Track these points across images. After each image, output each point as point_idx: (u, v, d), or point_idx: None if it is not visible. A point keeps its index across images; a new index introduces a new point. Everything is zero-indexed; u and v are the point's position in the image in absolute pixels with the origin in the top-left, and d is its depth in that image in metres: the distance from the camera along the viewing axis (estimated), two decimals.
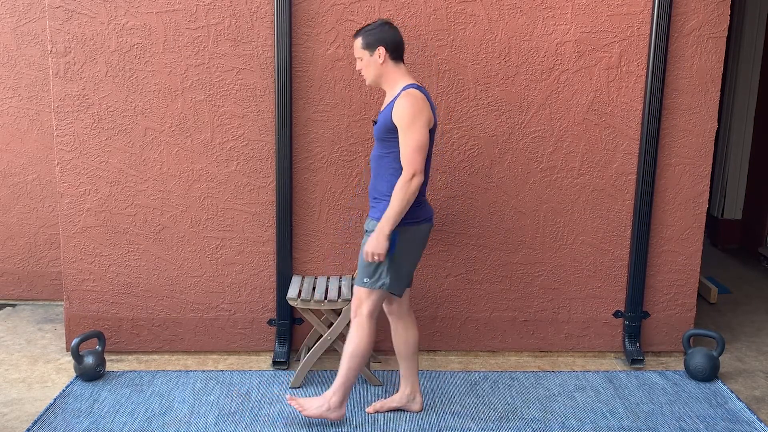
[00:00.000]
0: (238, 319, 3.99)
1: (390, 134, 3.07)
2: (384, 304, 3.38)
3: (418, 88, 3.09)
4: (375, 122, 3.18)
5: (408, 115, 3.00)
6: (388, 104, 3.11)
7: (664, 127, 3.88)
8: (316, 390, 3.63)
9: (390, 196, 3.08)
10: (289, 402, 3.28)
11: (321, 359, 3.80)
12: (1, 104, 4.47)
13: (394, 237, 3.10)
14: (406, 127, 3.01)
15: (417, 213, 3.15)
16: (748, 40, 5.76)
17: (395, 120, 3.03)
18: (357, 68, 3.21)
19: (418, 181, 3.01)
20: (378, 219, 3.12)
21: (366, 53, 3.12)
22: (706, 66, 3.83)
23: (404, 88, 3.07)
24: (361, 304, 3.20)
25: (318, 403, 3.24)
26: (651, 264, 4.01)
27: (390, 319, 3.39)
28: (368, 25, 3.15)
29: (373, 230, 3.12)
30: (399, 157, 3.06)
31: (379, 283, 3.15)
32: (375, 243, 3.05)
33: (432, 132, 3.10)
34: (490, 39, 3.75)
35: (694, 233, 4.01)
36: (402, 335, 3.35)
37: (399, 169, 3.07)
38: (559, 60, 3.79)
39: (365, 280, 3.17)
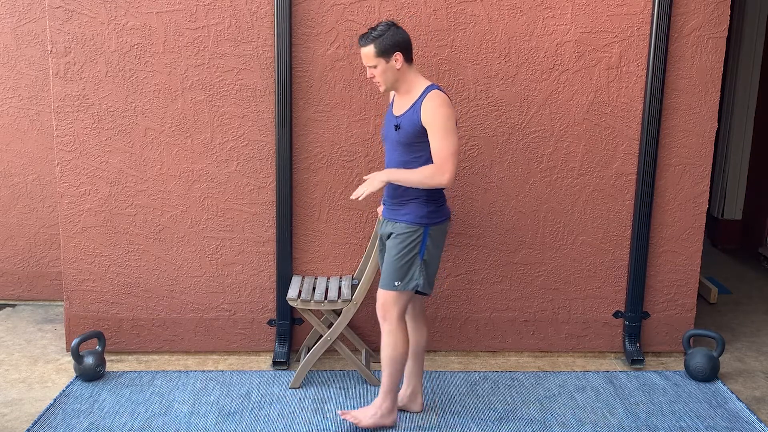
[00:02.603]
0: (238, 319, 3.99)
1: (419, 138, 3.02)
2: None
3: (439, 88, 3.05)
4: (397, 127, 3.09)
5: (442, 118, 2.96)
6: (411, 107, 3.04)
7: (664, 127, 3.88)
8: (316, 390, 3.63)
9: (416, 197, 3.08)
10: (342, 416, 3.27)
11: (321, 359, 3.80)
12: (1, 104, 4.47)
13: (424, 237, 3.09)
14: (440, 130, 2.96)
15: (443, 211, 3.17)
16: (748, 40, 5.76)
17: (426, 123, 2.97)
18: (368, 76, 3.09)
19: (445, 182, 2.98)
20: (405, 221, 3.10)
21: (381, 60, 3.01)
22: (706, 66, 3.83)
23: (428, 89, 3.02)
24: (390, 308, 3.15)
25: (371, 412, 3.25)
26: (651, 264, 4.01)
27: (405, 318, 3.37)
28: (374, 30, 3.02)
29: (402, 233, 3.09)
30: (426, 162, 3.02)
31: (413, 284, 3.13)
32: (374, 179, 3.05)
33: None
34: (490, 39, 3.75)
35: (694, 233, 4.01)
36: (413, 335, 3.35)
37: None
38: (559, 60, 3.79)
39: (396, 283, 3.12)
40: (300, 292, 3.67)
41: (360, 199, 3.08)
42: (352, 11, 3.68)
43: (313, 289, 3.73)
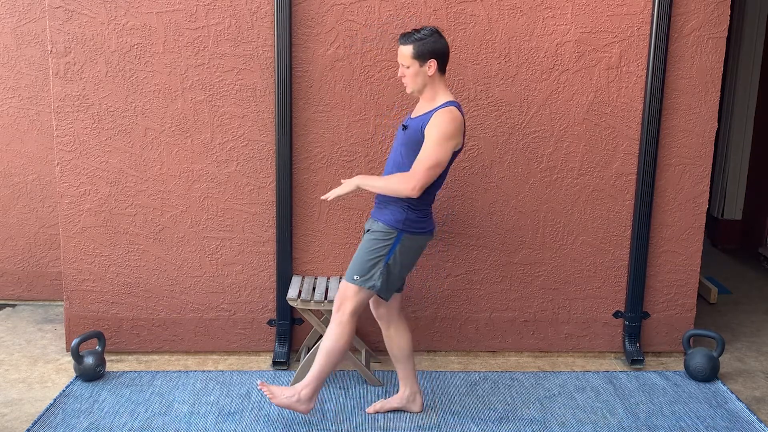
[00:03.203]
0: (238, 319, 3.99)
1: (417, 145, 3.04)
2: (373, 309, 3.37)
3: (458, 107, 3.06)
4: (405, 127, 3.12)
5: (441, 133, 2.98)
6: (424, 115, 3.06)
7: (664, 127, 3.88)
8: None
9: (398, 203, 3.09)
10: (259, 387, 3.23)
11: None
12: (1, 104, 4.47)
13: (394, 242, 3.10)
14: (433, 142, 2.98)
15: (423, 224, 3.15)
16: (748, 40, 5.76)
17: (426, 130, 3.00)
18: (399, 74, 3.11)
19: (409, 191, 3.00)
20: (385, 222, 3.12)
21: (416, 63, 3.03)
22: (706, 66, 3.83)
23: (446, 104, 3.04)
24: (346, 301, 3.16)
25: (288, 393, 3.20)
26: (651, 264, 4.01)
27: (380, 324, 3.38)
28: (418, 32, 3.04)
29: (378, 231, 3.12)
30: None
31: (370, 283, 3.13)
32: (344, 184, 3.14)
33: (456, 154, 3.10)
34: (490, 39, 3.75)
35: (694, 233, 4.01)
36: (394, 340, 3.35)
37: None
38: (559, 60, 3.79)
39: (355, 277, 3.14)
40: (300, 292, 3.67)
41: (328, 199, 3.20)
42: (352, 11, 3.68)
43: (313, 289, 3.73)
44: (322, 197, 3.23)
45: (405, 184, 3.00)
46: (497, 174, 3.89)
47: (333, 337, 3.17)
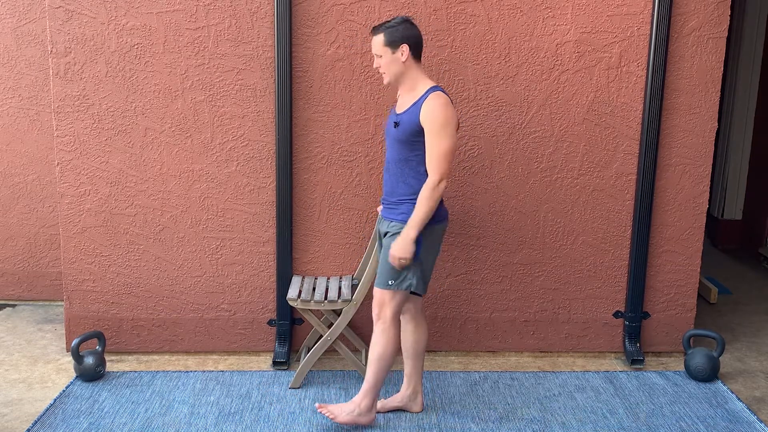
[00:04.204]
0: (238, 319, 3.99)
1: (416, 137, 3.03)
2: None
3: (442, 90, 3.06)
4: (396, 124, 3.12)
5: (440, 119, 2.97)
6: (412, 106, 3.06)
7: (664, 127, 3.88)
8: (317, 390, 3.63)
9: (411, 198, 3.08)
10: (318, 409, 3.24)
11: (321, 359, 3.80)
12: (1, 104, 4.47)
13: (419, 237, 3.09)
14: (437, 131, 2.98)
15: (439, 212, 3.15)
16: (748, 40, 5.76)
17: (424, 122, 2.99)
18: (375, 66, 3.13)
19: (444, 185, 3.01)
20: (400, 221, 3.11)
21: (388, 50, 3.05)
22: (706, 66, 3.83)
23: (430, 90, 3.03)
24: (385, 306, 3.16)
25: (349, 409, 3.23)
26: (651, 264, 4.01)
27: (402, 319, 3.37)
28: (388, 21, 3.08)
29: (397, 233, 3.10)
30: (424, 161, 3.04)
31: (406, 284, 3.13)
32: (402, 247, 3.03)
33: None
34: (490, 39, 3.75)
35: (695, 233, 4.01)
36: (413, 335, 3.35)
37: (424, 173, 3.05)
38: (559, 60, 3.79)
39: (390, 282, 3.12)
40: (300, 292, 3.67)
41: (404, 263, 3.06)
42: (352, 11, 3.68)
43: (313, 289, 3.73)
44: (396, 265, 3.10)
45: (433, 183, 2.99)
46: (497, 174, 3.89)
47: (381, 344, 3.17)
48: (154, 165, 3.80)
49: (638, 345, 4.04)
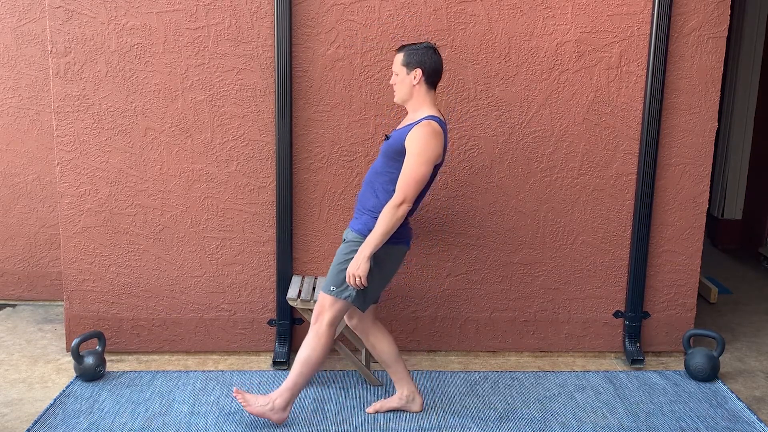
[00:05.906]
0: (238, 319, 3.99)
1: (397, 155, 3.06)
2: (347, 320, 3.39)
3: (440, 121, 3.07)
4: (387, 138, 3.16)
5: (420, 146, 2.99)
6: (405, 126, 3.09)
7: (664, 127, 3.88)
8: (316, 390, 3.63)
9: (375, 212, 3.09)
10: (234, 395, 3.25)
11: None
12: (1, 104, 4.47)
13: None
14: (413, 157, 3.00)
15: (399, 233, 3.12)
16: (748, 40, 5.76)
17: (407, 145, 3.01)
18: (390, 82, 3.19)
19: (405, 209, 3.01)
20: (358, 231, 3.13)
21: (403, 70, 3.10)
22: (706, 66, 3.83)
23: (426, 118, 3.05)
24: (323, 312, 3.16)
25: (263, 402, 3.21)
26: (651, 264, 4.01)
27: (357, 334, 3.40)
28: (414, 44, 3.14)
29: (352, 241, 3.13)
30: (396, 180, 3.05)
31: (345, 294, 3.12)
32: (356, 265, 3.03)
33: (437, 167, 3.11)
34: (490, 39, 3.75)
35: (695, 233, 4.01)
36: (377, 347, 3.36)
37: (391, 191, 3.06)
38: (559, 60, 3.79)
39: (332, 288, 3.14)
40: (300, 292, 3.67)
41: (358, 282, 3.04)
42: (352, 11, 3.68)
43: (313, 289, 3.73)
44: (350, 282, 3.07)
45: (395, 204, 3.00)
46: (497, 174, 3.89)
47: (311, 346, 3.16)
48: (154, 165, 3.80)
49: (638, 345, 4.04)
